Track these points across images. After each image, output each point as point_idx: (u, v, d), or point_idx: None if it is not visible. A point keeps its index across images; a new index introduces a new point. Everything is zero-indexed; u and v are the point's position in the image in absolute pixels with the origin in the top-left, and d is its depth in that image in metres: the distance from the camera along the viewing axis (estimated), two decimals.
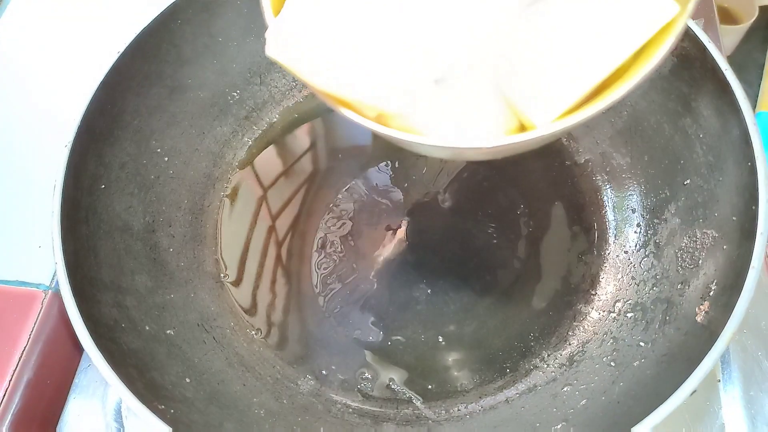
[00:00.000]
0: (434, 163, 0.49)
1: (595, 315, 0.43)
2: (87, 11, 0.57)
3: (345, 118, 0.26)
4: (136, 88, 0.43)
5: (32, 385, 0.40)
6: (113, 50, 0.41)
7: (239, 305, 0.45)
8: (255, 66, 0.50)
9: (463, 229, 0.47)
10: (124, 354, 0.35)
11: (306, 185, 0.50)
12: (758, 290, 0.31)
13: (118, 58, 0.40)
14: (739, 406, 0.39)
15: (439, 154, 0.38)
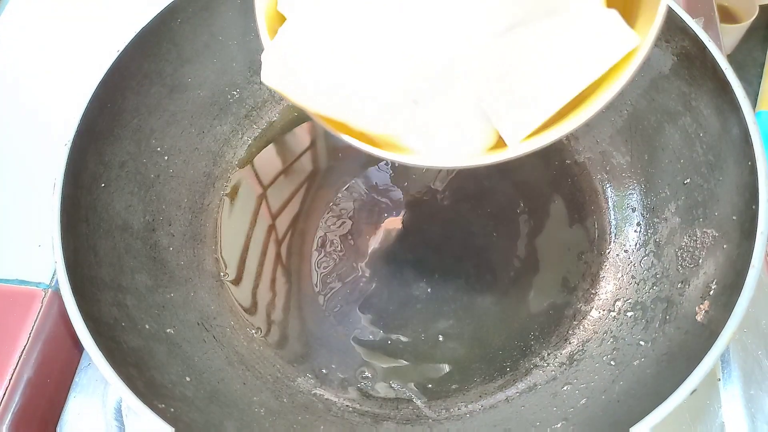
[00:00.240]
0: None
1: (595, 314, 0.43)
2: (87, 11, 0.57)
3: (343, 142, 0.27)
4: (136, 86, 0.43)
5: (32, 384, 0.40)
6: (113, 49, 0.41)
7: (239, 304, 0.45)
8: (255, 65, 0.50)
9: (463, 228, 0.47)
10: (124, 353, 0.35)
11: (306, 184, 0.50)
12: (758, 289, 0.31)
13: (118, 57, 0.40)
14: (739, 405, 0.39)
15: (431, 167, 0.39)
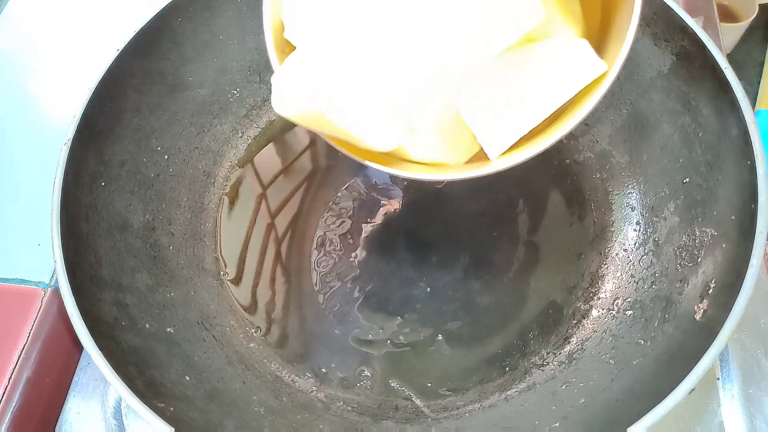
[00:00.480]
0: None
1: (594, 313, 0.43)
2: (87, 11, 0.57)
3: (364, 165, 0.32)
4: (136, 85, 0.43)
5: (32, 383, 0.40)
6: (113, 49, 0.41)
7: (239, 303, 0.45)
8: (255, 64, 0.50)
9: (463, 227, 0.47)
10: (123, 352, 0.35)
11: (305, 183, 0.50)
12: (757, 289, 0.31)
13: (119, 55, 0.40)
14: (738, 405, 0.39)
15: None
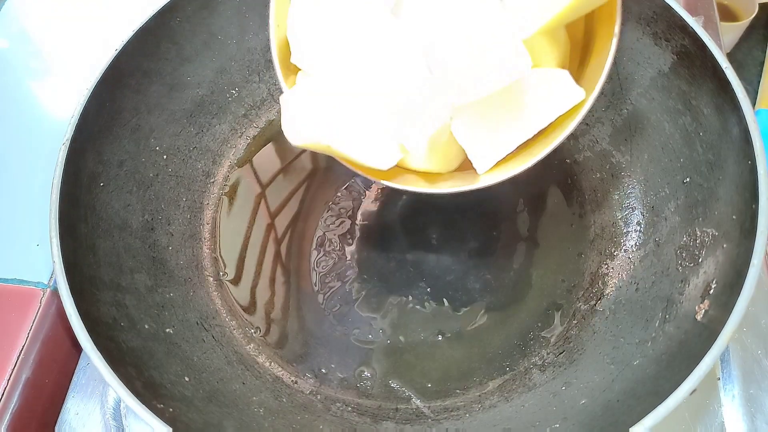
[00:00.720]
0: None
1: (594, 313, 0.43)
2: (86, 11, 0.57)
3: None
4: (135, 85, 0.43)
5: (31, 384, 0.40)
6: (112, 48, 0.40)
7: (238, 304, 0.45)
8: (254, 64, 0.50)
9: (463, 227, 0.47)
10: (122, 353, 0.35)
11: (305, 183, 0.50)
12: (758, 289, 0.31)
13: (117, 55, 0.40)
14: (739, 405, 0.39)
15: None
